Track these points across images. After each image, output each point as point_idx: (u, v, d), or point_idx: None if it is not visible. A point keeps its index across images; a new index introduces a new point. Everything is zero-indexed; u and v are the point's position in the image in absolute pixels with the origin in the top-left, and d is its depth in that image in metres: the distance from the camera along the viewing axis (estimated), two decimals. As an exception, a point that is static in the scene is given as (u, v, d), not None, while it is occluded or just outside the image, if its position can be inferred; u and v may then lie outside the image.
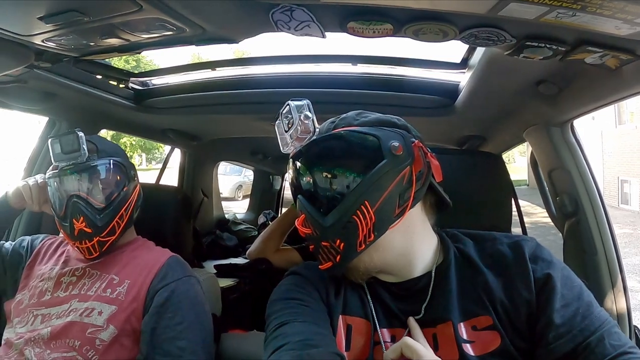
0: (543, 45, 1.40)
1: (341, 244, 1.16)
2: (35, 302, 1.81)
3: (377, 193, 1.15)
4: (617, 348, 1.06)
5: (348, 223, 1.15)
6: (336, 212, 1.16)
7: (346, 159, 1.22)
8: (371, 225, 1.15)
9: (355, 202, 1.14)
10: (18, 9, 1.36)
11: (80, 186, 1.82)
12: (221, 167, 5.32)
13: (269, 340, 1.17)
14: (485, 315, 1.16)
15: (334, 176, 1.21)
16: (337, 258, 1.18)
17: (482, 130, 2.75)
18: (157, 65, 16.98)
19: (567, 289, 1.15)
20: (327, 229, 1.16)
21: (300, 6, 1.37)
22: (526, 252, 1.22)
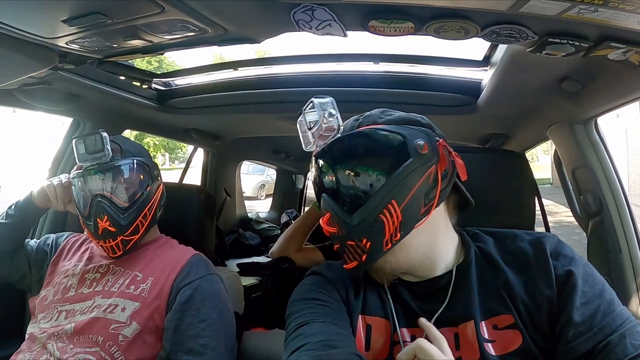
0: (565, 41, 1.39)
1: (367, 243, 1.15)
2: (59, 298, 1.84)
3: (403, 192, 1.15)
4: (638, 348, 1.05)
5: (375, 222, 1.14)
6: (363, 210, 1.15)
7: (372, 157, 1.22)
8: (398, 224, 1.14)
9: (382, 201, 1.14)
10: (42, 12, 1.37)
11: (104, 186, 1.84)
12: (244, 167, 5.33)
13: (289, 340, 1.18)
14: (507, 314, 1.16)
15: (360, 174, 1.20)
16: (363, 257, 1.16)
17: (505, 128, 2.74)
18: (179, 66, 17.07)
19: (588, 285, 1.14)
20: (353, 227, 1.15)
21: (321, 5, 1.37)
22: (547, 248, 1.20)
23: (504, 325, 1.15)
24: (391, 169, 1.16)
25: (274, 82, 2.66)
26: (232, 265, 3.55)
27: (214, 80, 2.79)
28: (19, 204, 2.03)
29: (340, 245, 1.20)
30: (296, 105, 2.63)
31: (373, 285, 1.31)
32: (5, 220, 2.02)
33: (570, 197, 2.33)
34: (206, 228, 2.38)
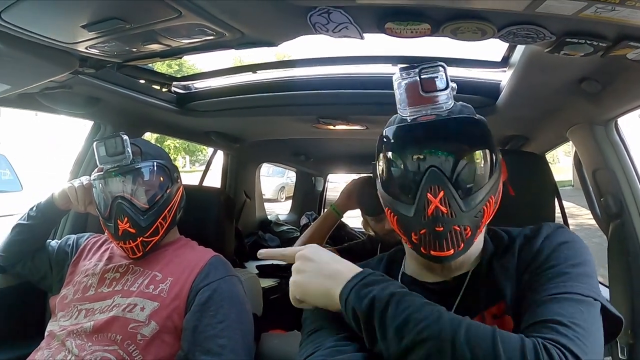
0: (583, 41, 1.38)
1: (469, 231, 1.16)
2: (79, 297, 1.86)
3: (495, 190, 1.19)
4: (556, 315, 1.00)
5: (479, 212, 1.16)
6: (474, 197, 1.16)
7: (486, 147, 1.23)
8: (488, 218, 1.19)
9: (487, 193, 1.17)
10: (62, 18, 1.40)
11: (125, 188, 1.86)
12: (264, 169, 5.35)
13: (303, 345, 1.19)
14: (501, 300, 1.17)
15: (478, 161, 1.22)
16: (461, 246, 1.16)
17: (525, 129, 2.72)
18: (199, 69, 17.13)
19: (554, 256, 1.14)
20: (465, 213, 1.15)
21: (337, 8, 1.37)
22: (544, 230, 1.22)
23: (500, 313, 1.16)
24: (492, 164, 1.20)
25: (292, 85, 2.66)
26: (252, 267, 3.56)
27: (234, 83, 2.80)
28: (41, 205, 2.07)
29: (444, 230, 1.14)
30: (315, 107, 2.63)
31: None
32: (26, 221, 2.06)
33: (591, 199, 2.31)
34: (226, 230, 2.39)
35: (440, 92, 1.17)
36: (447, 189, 1.14)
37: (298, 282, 1.17)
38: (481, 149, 1.22)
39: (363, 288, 1.08)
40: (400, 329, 1.00)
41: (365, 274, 1.12)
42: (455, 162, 1.19)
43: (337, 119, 2.85)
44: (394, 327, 1.01)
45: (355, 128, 3.01)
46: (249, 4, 1.39)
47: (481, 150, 1.22)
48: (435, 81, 1.18)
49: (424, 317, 1.00)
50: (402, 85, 1.21)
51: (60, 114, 2.52)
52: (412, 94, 1.19)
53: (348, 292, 1.08)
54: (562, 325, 0.97)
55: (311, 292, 1.16)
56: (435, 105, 1.18)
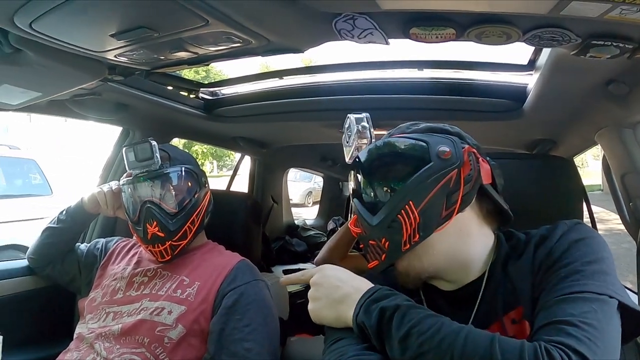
0: (609, 43, 1.37)
1: (386, 242, 1.18)
2: (107, 300, 1.89)
3: (421, 194, 1.17)
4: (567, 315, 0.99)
5: (393, 222, 1.17)
6: (382, 211, 1.19)
7: (395, 163, 1.27)
8: (415, 225, 1.16)
9: (399, 202, 1.17)
10: (91, 27, 1.42)
11: (154, 192, 1.89)
12: (291, 174, 5.36)
13: (326, 354, 1.21)
14: (519, 305, 1.15)
15: (383, 179, 1.26)
16: (383, 257, 1.20)
17: (552, 133, 2.69)
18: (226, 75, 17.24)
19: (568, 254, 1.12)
20: (373, 227, 1.19)
21: (362, 14, 1.38)
22: (559, 229, 1.20)
23: (519, 318, 1.15)
24: (412, 173, 1.19)
25: (319, 90, 2.67)
26: (278, 271, 3.58)
27: (260, 89, 2.82)
28: (70, 209, 2.12)
29: (364, 245, 1.26)
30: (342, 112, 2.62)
31: (411, 295, 1.31)
32: (56, 224, 2.10)
33: (620, 203, 2.28)
34: (253, 234, 2.41)
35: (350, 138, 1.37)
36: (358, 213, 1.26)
37: (313, 310, 1.23)
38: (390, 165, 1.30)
39: (371, 304, 1.11)
40: (404, 341, 1.03)
41: (374, 291, 1.15)
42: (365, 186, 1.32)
43: (364, 124, 2.85)
44: (397, 339, 1.03)
45: (382, 133, 3.00)
46: (274, 12, 1.40)
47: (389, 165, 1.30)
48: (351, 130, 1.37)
49: (425, 329, 1.01)
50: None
51: (90, 120, 2.56)
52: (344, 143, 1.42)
53: (358, 310, 1.12)
54: (571, 326, 0.95)
55: (325, 319, 1.20)
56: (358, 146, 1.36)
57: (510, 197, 1.33)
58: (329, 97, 2.62)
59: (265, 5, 1.35)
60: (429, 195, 1.17)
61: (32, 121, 20.25)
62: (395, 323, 1.05)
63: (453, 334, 0.99)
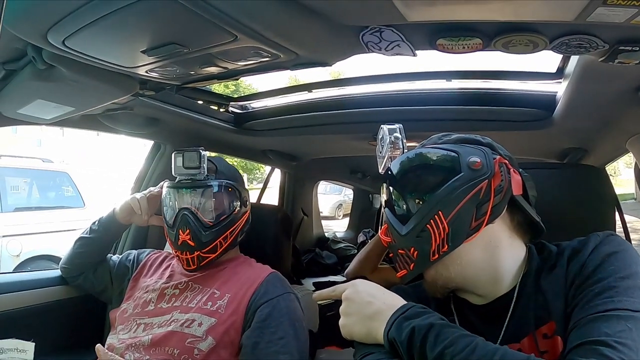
0: (638, 49, 1.36)
1: (415, 252, 1.19)
2: (139, 312, 1.91)
3: (451, 204, 1.16)
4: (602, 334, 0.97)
5: (422, 232, 1.17)
6: (411, 221, 1.19)
7: (426, 174, 1.26)
8: (444, 235, 1.16)
9: (429, 212, 1.16)
10: (123, 44, 1.46)
11: (193, 201, 1.92)
12: (321, 187, 5.37)
13: None
14: (551, 320, 1.14)
15: (414, 190, 1.25)
16: (411, 266, 1.20)
17: (583, 142, 2.66)
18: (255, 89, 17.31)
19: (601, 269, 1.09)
20: (403, 237, 1.20)
21: (389, 27, 1.40)
22: (591, 241, 1.18)
23: (551, 333, 1.13)
24: (442, 183, 1.19)
25: (348, 103, 2.68)
26: (308, 283, 3.57)
27: (289, 103, 2.84)
28: (103, 220, 2.15)
29: (394, 254, 1.27)
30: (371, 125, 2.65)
31: (443, 309, 1.30)
32: (89, 234, 2.14)
33: (653, 212, 2.25)
34: (283, 247, 2.41)
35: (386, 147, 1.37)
36: (389, 222, 1.27)
37: (344, 325, 1.22)
38: (420, 175, 1.29)
39: (404, 321, 1.10)
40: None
41: (406, 308, 1.13)
42: (396, 195, 1.31)
43: (393, 136, 2.84)
44: (431, 358, 1.02)
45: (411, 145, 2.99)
46: (302, 26, 1.42)
47: (420, 176, 1.29)
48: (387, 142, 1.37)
49: (460, 350, 1.00)
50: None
51: (122, 134, 2.61)
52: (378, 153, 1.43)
53: (389, 327, 1.11)
54: (606, 347, 0.93)
55: (356, 335, 1.19)
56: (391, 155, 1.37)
57: (541, 208, 1.32)
58: (357, 110, 2.63)
59: (292, 20, 1.37)
60: (458, 206, 1.16)
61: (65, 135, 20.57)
62: (429, 342, 1.04)
63: (488, 354, 0.98)
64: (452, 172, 1.19)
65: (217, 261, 1.97)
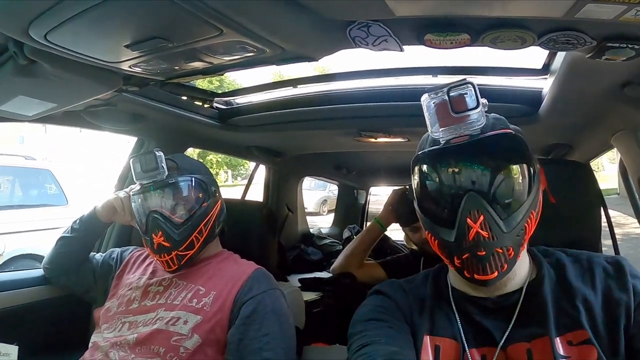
0: (625, 45, 1.37)
1: (512, 252, 1.14)
2: (123, 310, 1.89)
3: (536, 204, 1.17)
4: None
5: (521, 231, 1.14)
6: (516, 217, 1.14)
7: (522, 162, 1.19)
8: (529, 233, 1.16)
9: (528, 210, 1.15)
10: (106, 38, 1.44)
11: (160, 202, 1.90)
12: (306, 183, 5.36)
13: (353, 359, 1.18)
14: (581, 329, 1.13)
15: (515, 178, 1.19)
16: (505, 267, 1.14)
17: (568, 137, 2.68)
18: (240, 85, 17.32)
19: None
20: (506, 234, 1.13)
21: (376, 22, 1.39)
22: (627, 268, 1.19)
23: (579, 341, 1.13)
24: (531, 179, 1.17)
25: (333, 99, 2.67)
26: (294, 280, 3.56)
27: (274, 98, 2.83)
28: (84, 218, 2.14)
29: (486, 253, 1.13)
30: (356, 121, 2.64)
31: (440, 304, 1.30)
32: (70, 234, 2.12)
33: (637, 207, 2.26)
34: (268, 243, 2.40)
35: (471, 111, 1.14)
36: (487, 213, 1.12)
37: None
38: (518, 164, 1.19)
39: None
40: None
41: None
42: (493, 183, 1.17)
43: (379, 132, 2.86)
44: None
45: (397, 140, 3.01)
46: (288, 21, 1.41)
47: (518, 165, 1.18)
48: (465, 99, 1.14)
49: None
50: (431, 106, 1.18)
51: (105, 131, 2.59)
52: (443, 114, 1.16)
53: None
54: None
55: None
56: (467, 125, 1.15)
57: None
58: (343, 105, 2.63)
59: (279, 15, 1.36)
60: (538, 206, 1.18)
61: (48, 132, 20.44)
62: None
63: None
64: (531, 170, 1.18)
65: (201, 257, 1.97)
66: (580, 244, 1.44)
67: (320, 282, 3.37)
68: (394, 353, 1.13)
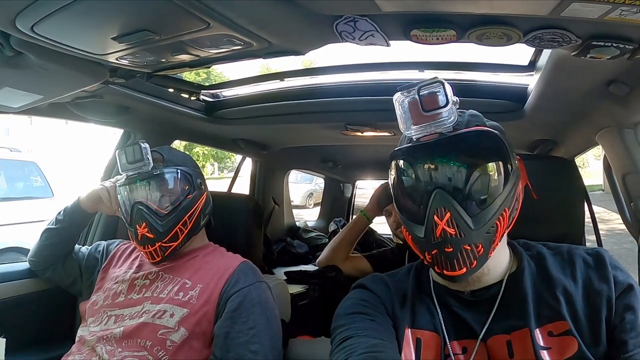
0: (609, 44, 1.38)
1: (482, 249, 1.14)
2: (109, 303, 1.89)
3: (510, 199, 1.17)
4: None
5: (492, 228, 1.14)
6: (485, 214, 1.14)
7: (494, 159, 1.19)
8: (503, 230, 1.17)
9: (500, 207, 1.15)
10: (93, 30, 1.43)
11: (144, 194, 1.90)
12: (292, 176, 5.36)
13: (334, 352, 1.19)
14: (562, 320, 1.15)
15: (485, 176, 1.19)
16: (474, 263, 1.14)
17: (553, 134, 2.70)
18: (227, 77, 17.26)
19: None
20: (474, 231, 1.13)
21: (363, 16, 1.39)
22: (607, 259, 1.21)
23: (559, 332, 1.14)
24: (505, 175, 1.18)
25: (320, 92, 2.68)
26: (280, 273, 3.57)
27: (261, 91, 2.83)
28: (67, 209, 2.13)
29: (453, 250, 1.14)
30: (343, 114, 2.64)
31: (421, 297, 1.32)
32: (55, 225, 2.12)
33: (621, 203, 2.28)
34: (254, 236, 2.40)
35: (441, 109, 1.15)
36: (454, 210, 1.12)
37: None
38: (490, 161, 1.19)
39: None
40: None
41: None
42: (462, 180, 1.17)
43: (365, 126, 2.87)
44: None
45: (383, 134, 3.02)
46: (275, 15, 1.40)
47: (490, 162, 1.19)
48: (436, 97, 1.16)
49: None
50: (404, 105, 1.21)
51: (91, 123, 2.58)
52: (414, 113, 1.18)
53: None
54: None
55: None
56: (439, 123, 1.16)
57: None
58: (330, 99, 2.63)
59: (266, 8, 1.36)
60: (512, 202, 1.18)
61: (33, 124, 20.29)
62: None
63: None
64: (507, 166, 1.19)
65: (186, 250, 1.98)
66: (564, 239, 1.44)
67: (305, 275, 3.38)
68: (375, 345, 1.14)
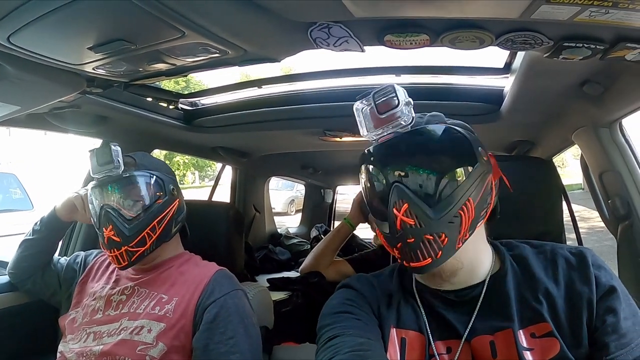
0: (581, 45, 1.40)
1: (445, 238, 1.13)
2: (87, 321, 1.87)
3: (477, 191, 1.17)
4: None
5: (455, 217, 1.14)
6: (444, 204, 1.15)
7: (451, 153, 1.21)
8: (470, 222, 1.16)
9: (462, 197, 1.15)
10: (69, 40, 1.43)
11: (113, 197, 1.88)
12: (273, 183, 5.37)
13: (320, 351, 1.19)
14: (544, 322, 1.16)
15: (441, 168, 1.19)
16: (439, 254, 1.14)
17: (531, 135, 2.73)
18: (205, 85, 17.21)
19: (626, 304, 1.15)
20: (435, 221, 1.13)
21: (336, 23, 1.40)
22: (589, 259, 1.21)
23: (541, 334, 1.15)
24: (467, 167, 1.19)
25: (298, 99, 2.69)
26: (262, 280, 3.57)
27: (240, 99, 2.84)
28: (44, 219, 2.12)
29: (415, 240, 1.14)
30: (321, 120, 2.65)
31: (405, 297, 1.32)
32: (32, 236, 2.10)
33: (599, 201, 2.30)
34: (235, 244, 2.40)
35: (394, 109, 1.20)
36: (411, 201, 1.14)
37: None
38: (449, 154, 1.21)
39: None
40: None
41: None
42: (420, 174, 1.20)
43: (344, 131, 2.88)
44: None
45: (362, 139, 3.02)
46: (250, 23, 1.41)
47: (449, 155, 1.21)
48: (390, 100, 1.22)
49: None
50: (364, 111, 1.26)
51: (69, 133, 2.56)
52: (373, 117, 1.25)
53: None
54: None
55: None
56: (395, 123, 1.21)
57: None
58: (308, 105, 2.64)
59: (240, 17, 1.36)
60: (480, 193, 1.18)
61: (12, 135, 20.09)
62: None
63: None
64: (471, 159, 1.20)
65: (160, 260, 1.96)
66: (543, 237, 1.46)
67: (288, 281, 3.38)
68: (361, 344, 1.14)
